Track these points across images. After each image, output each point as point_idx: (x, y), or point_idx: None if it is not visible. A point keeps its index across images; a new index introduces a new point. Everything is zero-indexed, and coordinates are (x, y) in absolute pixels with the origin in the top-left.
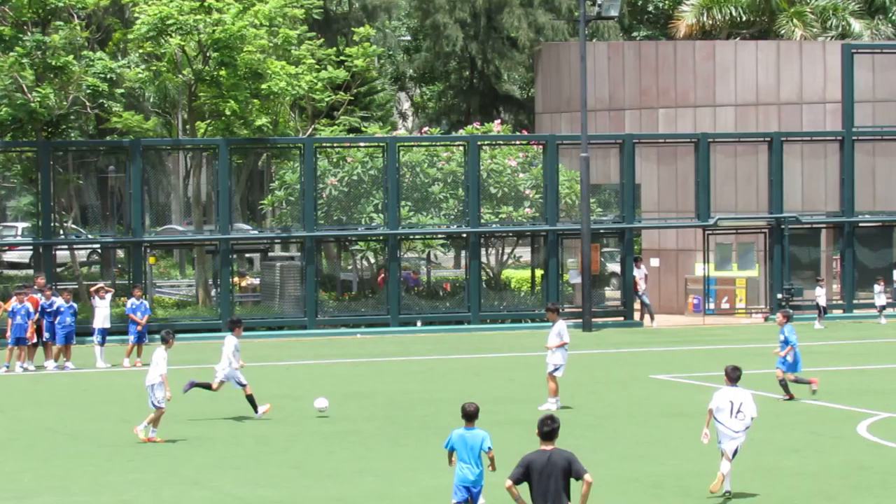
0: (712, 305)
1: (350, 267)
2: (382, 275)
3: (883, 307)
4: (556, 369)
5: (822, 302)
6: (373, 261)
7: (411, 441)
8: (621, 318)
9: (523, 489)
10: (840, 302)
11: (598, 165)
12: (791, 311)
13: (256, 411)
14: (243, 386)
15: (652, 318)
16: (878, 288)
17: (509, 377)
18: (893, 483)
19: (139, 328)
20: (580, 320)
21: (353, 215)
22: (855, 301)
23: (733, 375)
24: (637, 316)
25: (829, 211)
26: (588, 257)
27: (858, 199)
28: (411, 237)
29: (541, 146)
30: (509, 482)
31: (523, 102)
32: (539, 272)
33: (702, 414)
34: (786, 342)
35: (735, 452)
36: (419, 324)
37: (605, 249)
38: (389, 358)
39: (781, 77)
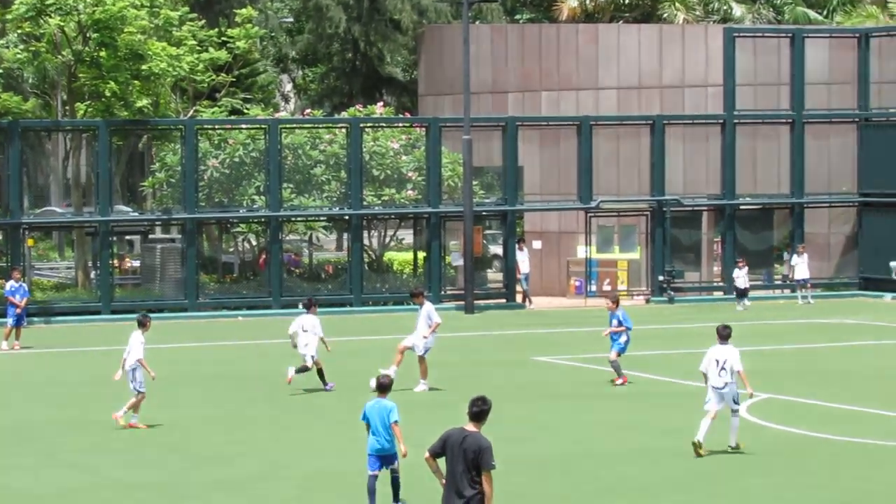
0: (594, 287)
1: (231, 249)
2: (264, 257)
3: (744, 290)
4: (426, 351)
5: (741, 284)
6: (254, 243)
7: (294, 423)
8: (503, 301)
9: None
10: (721, 284)
11: (480, 148)
12: (618, 295)
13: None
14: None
15: (529, 301)
16: (737, 271)
17: (388, 359)
18: (774, 463)
19: (18, 311)
20: (462, 303)
21: (234, 197)
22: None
23: (724, 333)
24: (519, 298)
25: (711, 194)
26: (470, 240)
27: (739, 182)
28: (293, 219)
29: (423, 129)
30: (427, 454)
31: (406, 85)
32: (421, 254)
33: (583, 395)
34: (620, 324)
35: (735, 405)
36: (301, 306)
37: (487, 232)
38: (271, 340)
39: (664, 60)
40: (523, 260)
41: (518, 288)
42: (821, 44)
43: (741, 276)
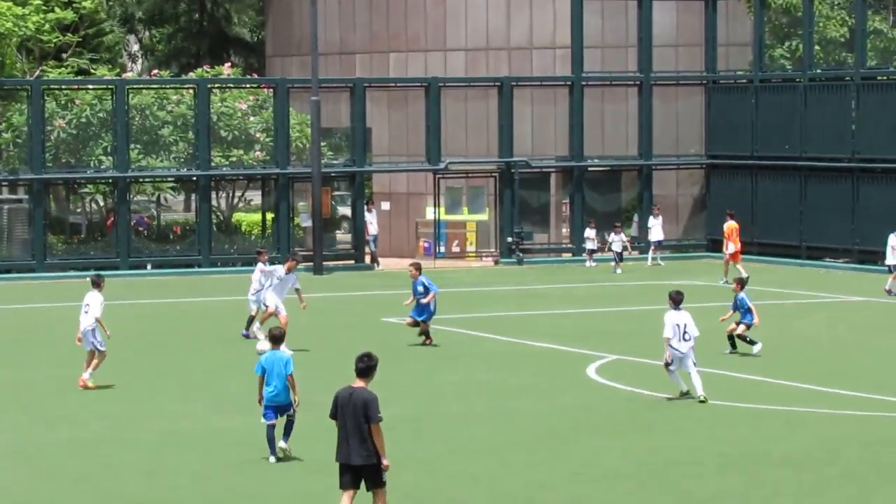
0: (443, 249)
1: (79, 210)
2: (112, 218)
3: (592, 251)
4: (276, 308)
5: (618, 248)
6: (102, 204)
7: (143, 385)
8: (352, 262)
9: None
10: (570, 245)
11: (329, 109)
12: (420, 262)
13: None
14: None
15: (377, 263)
16: (588, 232)
17: (240, 319)
18: (621, 423)
19: None
20: (311, 264)
21: (81, 158)
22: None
23: (677, 299)
24: (368, 259)
25: (559, 156)
26: (319, 201)
27: (588, 144)
28: (141, 180)
29: (271, 90)
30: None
31: (254, 46)
32: (270, 216)
33: (433, 356)
34: (427, 290)
35: (694, 365)
36: (149, 267)
37: (335, 193)
38: (120, 301)
39: (512, 22)
40: (372, 221)
41: (366, 249)
42: (668, 6)
43: (617, 240)
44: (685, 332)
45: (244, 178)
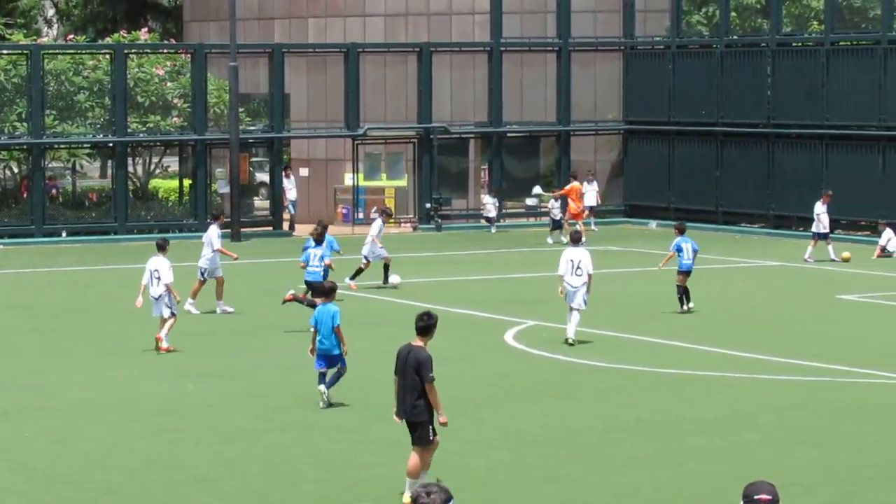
0: (361, 215)
1: None
2: (26, 184)
3: (490, 219)
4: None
5: (557, 215)
6: (16, 170)
7: (60, 353)
8: (270, 228)
9: None
10: (510, 211)
11: (247, 75)
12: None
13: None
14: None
15: (294, 229)
16: (553, 202)
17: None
18: (538, 390)
19: None
20: (228, 230)
21: None
22: (505, 210)
23: (576, 237)
24: (286, 226)
25: (478, 121)
26: (237, 167)
27: (506, 110)
28: (56, 147)
29: (189, 55)
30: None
31: (171, 11)
32: (187, 182)
33: (351, 323)
34: (329, 249)
35: (584, 304)
36: (64, 234)
37: (253, 159)
38: (34, 269)
39: None
40: (290, 188)
41: (285, 215)
42: None
43: (556, 207)
44: (577, 267)
45: (161, 145)
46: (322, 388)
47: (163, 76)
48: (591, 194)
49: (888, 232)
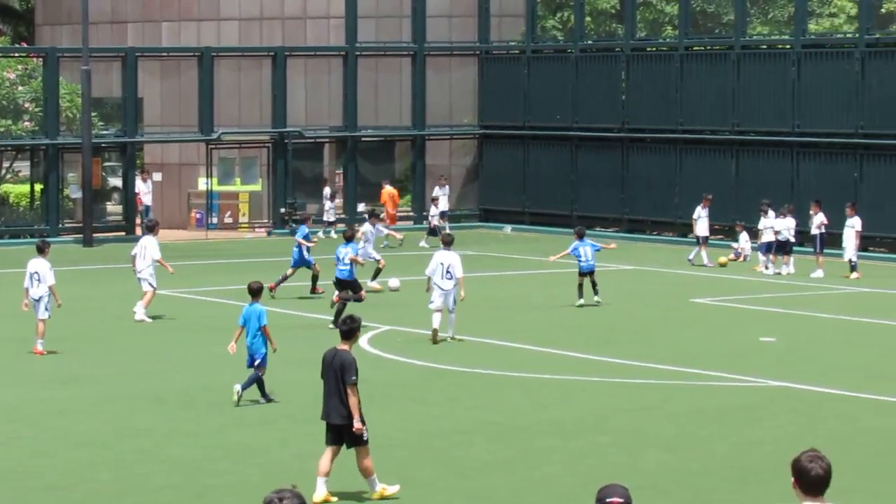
0: (215, 220)
1: None
2: None
3: (434, 229)
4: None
5: (436, 221)
6: None
7: None
8: (123, 233)
9: None
10: (344, 216)
11: (100, 79)
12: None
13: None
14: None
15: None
16: (434, 209)
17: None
18: (393, 393)
19: None
20: (80, 235)
21: None
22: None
23: (447, 240)
24: (139, 231)
25: (333, 126)
26: (89, 172)
27: (361, 114)
28: None
29: (41, 59)
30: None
31: (23, 14)
32: (39, 187)
33: (207, 328)
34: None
35: (453, 305)
36: None
37: (106, 164)
38: None
39: None
40: (146, 192)
41: (137, 220)
42: None
43: (435, 215)
44: (447, 271)
45: (12, 149)
46: (237, 386)
47: (14, 80)
48: (444, 199)
49: (745, 235)
